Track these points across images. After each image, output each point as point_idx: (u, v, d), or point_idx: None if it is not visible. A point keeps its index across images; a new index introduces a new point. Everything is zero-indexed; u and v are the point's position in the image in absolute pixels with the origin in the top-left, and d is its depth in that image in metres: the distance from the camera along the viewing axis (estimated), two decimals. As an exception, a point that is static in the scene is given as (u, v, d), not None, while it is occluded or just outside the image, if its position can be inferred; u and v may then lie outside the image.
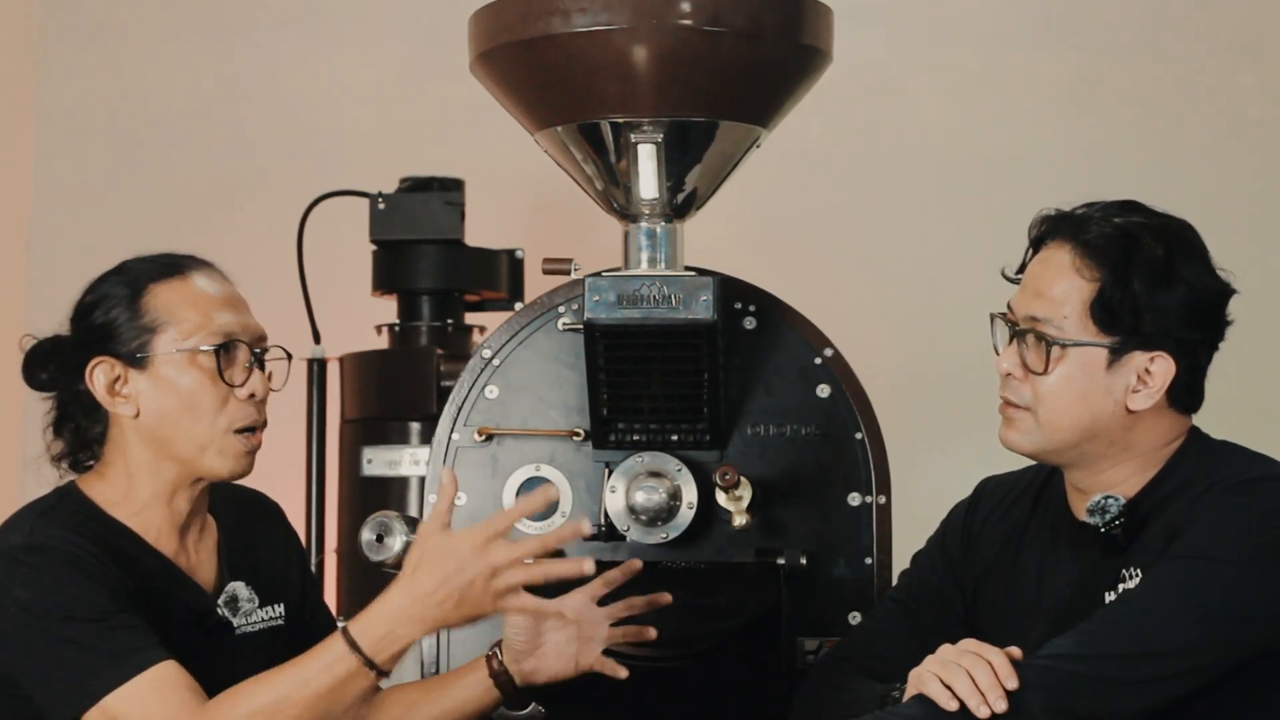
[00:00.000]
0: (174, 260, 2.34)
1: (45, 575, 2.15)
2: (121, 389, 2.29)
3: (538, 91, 2.65)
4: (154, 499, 2.30)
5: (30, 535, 2.20)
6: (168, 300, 2.29)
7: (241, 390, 2.30)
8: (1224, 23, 4.64)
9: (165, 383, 2.28)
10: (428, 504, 2.77)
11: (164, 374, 2.28)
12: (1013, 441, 2.26)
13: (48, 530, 2.20)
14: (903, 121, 4.67)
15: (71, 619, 2.13)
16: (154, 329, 2.28)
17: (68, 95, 4.82)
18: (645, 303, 2.57)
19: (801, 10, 2.63)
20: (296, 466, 3.81)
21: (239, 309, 2.34)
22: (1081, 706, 2.05)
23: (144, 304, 2.29)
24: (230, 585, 2.36)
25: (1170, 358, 2.18)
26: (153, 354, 2.27)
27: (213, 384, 2.28)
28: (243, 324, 2.33)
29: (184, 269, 2.32)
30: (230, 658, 2.33)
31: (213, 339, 2.28)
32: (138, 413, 2.29)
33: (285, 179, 4.55)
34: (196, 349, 2.27)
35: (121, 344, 2.28)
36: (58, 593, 2.15)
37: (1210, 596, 2.07)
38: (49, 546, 2.18)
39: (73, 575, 2.16)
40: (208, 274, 2.34)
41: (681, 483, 2.70)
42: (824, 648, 2.63)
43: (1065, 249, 2.21)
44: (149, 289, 2.29)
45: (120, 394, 2.29)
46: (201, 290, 2.31)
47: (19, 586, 2.15)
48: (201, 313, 2.29)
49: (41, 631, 2.14)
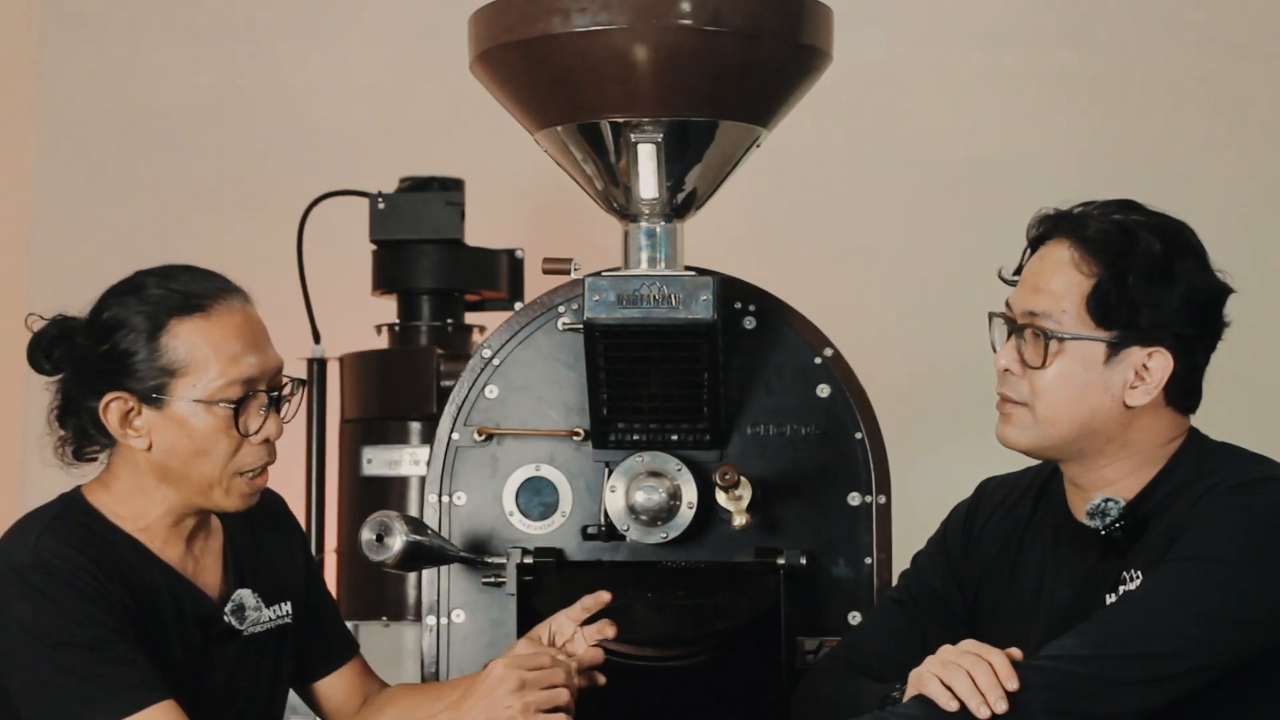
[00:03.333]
0: (198, 292, 2.26)
1: (47, 596, 2.14)
2: (134, 421, 2.24)
3: (538, 91, 2.65)
4: (159, 518, 2.29)
5: (35, 551, 2.18)
6: (189, 342, 2.22)
7: (256, 437, 2.26)
8: (1223, 23, 4.65)
9: (179, 424, 2.23)
10: (428, 504, 2.77)
11: (179, 415, 2.23)
12: (1010, 438, 2.26)
13: (52, 546, 2.18)
14: (902, 121, 4.68)
15: (68, 644, 2.12)
16: (173, 372, 2.22)
17: (68, 95, 4.82)
18: (645, 302, 2.57)
19: (801, 10, 2.63)
20: (296, 466, 3.81)
21: (259, 346, 2.27)
22: (1082, 707, 2.05)
23: (164, 343, 2.22)
24: (237, 594, 2.34)
25: (1168, 354, 2.18)
26: (170, 397, 2.23)
27: (227, 433, 2.24)
28: (262, 365, 2.26)
29: (206, 305, 2.24)
30: (236, 661, 2.33)
31: (232, 390, 2.23)
32: (150, 446, 2.25)
33: (285, 179, 4.54)
34: (215, 401, 2.23)
35: (138, 380, 2.22)
36: (58, 615, 2.13)
37: (1210, 597, 2.07)
38: (53, 566, 2.16)
39: (75, 598, 2.14)
40: (229, 306, 2.26)
41: (681, 482, 2.70)
42: (824, 648, 2.64)
43: (1064, 245, 2.22)
44: (169, 326, 2.22)
45: (133, 426, 2.24)
46: (224, 333, 2.24)
47: (21, 604, 2.14)
48: (223, 360, 2.22)
49: (38, 654, 2.12)
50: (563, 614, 2.48)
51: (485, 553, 2.73)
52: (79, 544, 2.20)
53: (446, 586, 2.76)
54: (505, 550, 2.71)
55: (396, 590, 3.74)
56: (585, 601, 2.48)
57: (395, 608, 3.76)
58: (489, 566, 2.71)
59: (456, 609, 2.76)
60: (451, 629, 2.75)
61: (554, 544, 2.74)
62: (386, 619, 3.76)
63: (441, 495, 2.77)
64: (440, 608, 2.76)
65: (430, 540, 2.65)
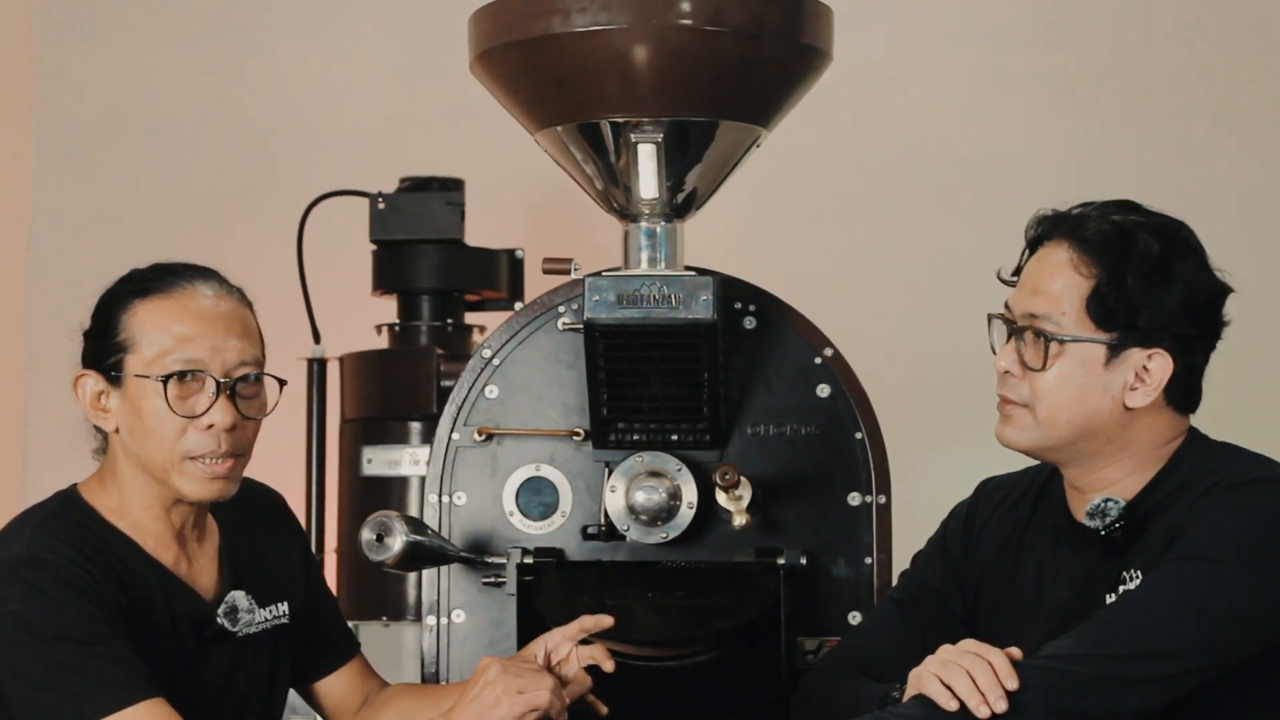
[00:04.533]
0: (168, 273, 2.27)
1: (41, 591, 2.14)
2: (104, 401, 2.26)
3: (538, 91, 2.65)
4: (146, 510, 2.28)
5: (29, 548, 2.18)
6: (142, 320, 2.23)
7: (199, 421, 2.23)
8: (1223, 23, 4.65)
9: (131, 403, 2.24)
10: (428, 504, 2.77)
11: (131, 394, 2.24)
12: (1010, 438, 2.26)
13: (46, 542, 2.19)
14: (902, 121, 4.68)
15: (61, 639, 2.12)
16: (125, 348, 2.23)
17: (68, 95, 4.82)
18: (645, 302, 2.57)
19: (801, 10, 2.63)
20: (296, 466, 3.81)
21: (218, 333, 2.24)
22: (1082, 707, 2.05)
23: (124, 320, 2.24)
24: (230, 595, 2.34)
25: (1168, 355, 2.18)
26: (125, 374, 2.23)
27: (170, 413, 2.22)
28: (215, 351, 2.23)
29: (171, 286, 2.25)
30: (231, 661, 2.33)
31: (167, 368, 2.21)
32: (117, 429, 2.26)
33: (285, 179, 4.55)
34: (152, 376, 2.22)
35: (101, 358, 2.25)
36: (52, 611, 2.13)
37: (1210, 597, 2.07)
38: (46, 561, 2.16)
39: (68, 594, 2.14)
40: (194, 292, 2.26)
41: (681, 482, 2.70)
42: (824, 648, 2.64)
43: (1063, 246, 2.22)
44: (132, 305, 2.24)
45: (101, 407, 2.26)
46: (179, 314, 2.23)
47: (15, 600, 2.14)
48: (169, 337, 2.22)
49: (31, 649, 2.12)
50: (559, 632, 2.44)
51: (485, 553, 2.73)
52: (73, 540, 2.20)
53: (446, 586, 2.76)
54: (505, 550, 2.71)
55: (396, 590, 3.75)
56: (585, 622, 2.43)
57: (395, 608, 3.76)
58: (489, 566, 2.71)
59: (456, 609, 2.76)
60: (451, 629, 2.75)
61: (554, 544, 2.74)
62: (386, 619, 3.76)
63: (441, 495, 2.77)
64: (440, 608, 2.76)
65: (430, 540, 2.65)
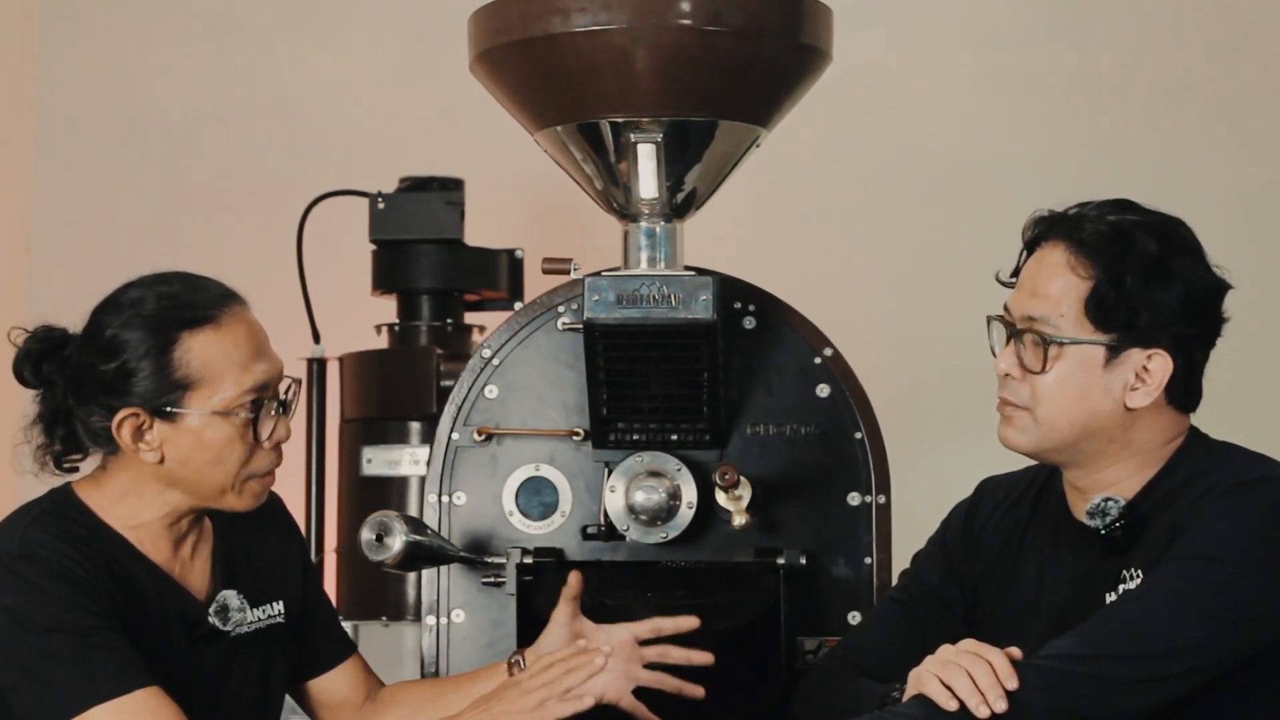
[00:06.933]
0: (202, 303, 2.26)
1: (34, 585, 2.14)
2: (146, 435, 2.24)
3: (538, 91, 2.65)
4: (156, 519, 2.29)
5: (21, 543, 2.18)
6: (202, 356, 2.22)
7: (268, 442, 2.27)
8: (1223, 23, 4.65)
9: (193, 435, 2.23)
10: (428, 504, 2.77)
11: (193, 427, 2.23)
12: (1011, 440, 2.26)
13: (39, 538, 2.19)
14: (902, 121, 4.68)
15: (55, 630, 2.12)
16: (188, 386, 2.22)
17: (68, 95, 4.83)
18: (645, 302, 2.57)
19: (801, 10, 2.63)
20: (296, 466, 3.81)
21: (265, 351, 2.28)
22: (1081, 706, 2.05)
23: (176, 358, 2.22)
24: (221, 594, 2.33)
25: (1168, 355, 2.18)
26: (184, 410, 2.23)
27: (242, 439, 2.24)
28: (269, 371, 2.27)
29: (214, 316, 2.25)
30: (223, 661, 2.33)
31: (247, 399, 2.24)
32: (161, 459, 2.25)
33: (285, 179, 4.55)
34: (231, 411, 2.23)
35: (149, 396, 2.22)
36: (45, 603, 2.13)
37: (1210, 597, 2.07)
38: (39, 556, 2.16)
39: (61, 587, 2.14)
40: (235, 315, 2.26)
41: (681, 482, 2.70)
42: (824, 648, 2.64)
43: (1060, 248, 2.21)
44: (180, 340, 2.22)
45: (145, 441, 2.24)
46: (234, 342, 2.24)
47: (8, 595, 2.14)
48: (236, 370, 2.23)
49: (25, 642, 2.12)
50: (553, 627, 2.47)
51: (485, 553, 2.73)
52: (66, 537, 2.20)
53: (446, 586, 2.77)
54: (505, 550, 2.71)
55: (396, 590, 3.75)
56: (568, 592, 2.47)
57: (395, 608, 3.76)
58: (489, 566, 2.71)
59: (456, 609, 2.76)
60: (451, 629, 2.76)
61: (554, 544, 2.75)
62: (386, 619, 3.76)
63: (441, 495, 2.77)
64: (440, 608, 2.76)
65: (430, 540, 2.65)
